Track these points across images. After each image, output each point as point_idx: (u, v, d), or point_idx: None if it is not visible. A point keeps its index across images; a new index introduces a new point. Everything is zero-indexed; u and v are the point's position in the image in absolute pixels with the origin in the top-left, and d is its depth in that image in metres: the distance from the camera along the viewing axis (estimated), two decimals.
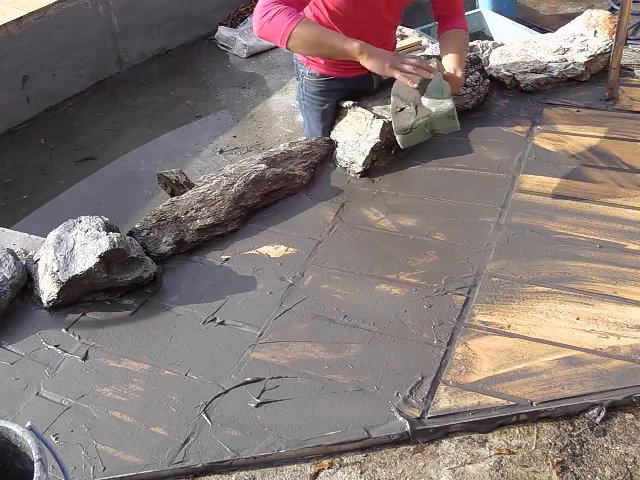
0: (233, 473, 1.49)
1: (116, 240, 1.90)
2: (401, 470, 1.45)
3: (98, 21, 4.53)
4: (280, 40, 1.94)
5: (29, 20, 4.14)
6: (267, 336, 1.76)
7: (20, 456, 1.21)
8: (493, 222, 2.03)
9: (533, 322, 1.70)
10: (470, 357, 1.63)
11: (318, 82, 2.42)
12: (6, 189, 3.75)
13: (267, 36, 1.96)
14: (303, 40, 1.95)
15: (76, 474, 1.48)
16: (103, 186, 3.72)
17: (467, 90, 2.48)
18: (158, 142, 4.11)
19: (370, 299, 1.83)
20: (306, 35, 1.94)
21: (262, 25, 1.93)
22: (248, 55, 4.90)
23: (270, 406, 1.58)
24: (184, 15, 5.03)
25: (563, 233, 1.96)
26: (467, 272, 1.87)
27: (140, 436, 1.55)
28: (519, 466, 1.42)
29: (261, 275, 1.95)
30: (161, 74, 4.79)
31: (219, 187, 2.17)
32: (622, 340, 1.62)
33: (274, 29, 1.92)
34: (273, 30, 1.93)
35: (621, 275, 1.80)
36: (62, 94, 4.45)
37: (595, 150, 2.27)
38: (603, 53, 2.62)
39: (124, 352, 1.77)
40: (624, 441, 1.45)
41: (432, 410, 1.52)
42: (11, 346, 1.83)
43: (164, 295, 1.94)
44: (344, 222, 2.11)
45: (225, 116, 4.30)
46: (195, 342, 1.77)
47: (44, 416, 1.62)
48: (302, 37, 1.93)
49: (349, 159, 2.33)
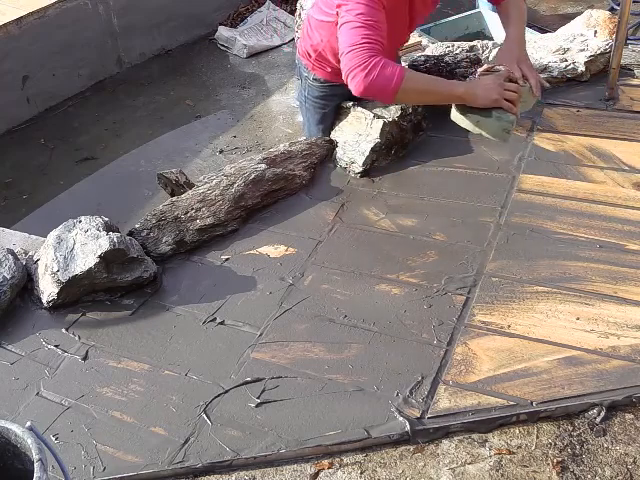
0: (233, 473, 1.49)
1: (116, 240, 1.90)
2: (401, 470, 1.45)
3: (98, 21, 4.53)
4: (387, 98, 1.92)
5: (29, 20, 4.14)
6: (267, 336, 1.76)
7: (20, 456, 1.21)
8: (493, 222, 2.03)
9: (533, 322, 1.70)
10: (470, 357, 1.63)
11: (322, 87, 2.43)
12: (6, 189, 3.75)
13: (372, 94, 1.92)
14: (410, 94, 1.95)
15: (76, 474, 1.48)
16: (103, 186, 3.71)
17: None
18: (158, 142, 4.10)
19: (370, 299, 1.83)
20: (413, 88, 1.93)
21: (367, 84, 1.89)
22: (248, 55, 4.90)
23: (270, 406, 1.58)
24: (184, 15, 5.03)
25: (563, 233, 1.96)
26: (467, 272, 1.87)
27: (140, 436, 1.55)
28: (519, 466, 1.42)
29: (261, 275, 1.95)
30: (161, 74, 4.79)
31: (219, 187, 2.17)
32: (622, 340, 1.62)
33: (380, 87, 1.89)
34: (379, 88, 1.89)
35: (621, 275, 1.80)
36: (62, 94, 4.45)
37: (595, 150, 2.27)
38: (603, 53, 2.62)
39: (124, 352, 1.77)
40: (624, 441, 1.45)
41: (432, 410, 1.52)
42: (11, 346, 1.83)
43: (164, 295, 1.94)
44: (344, 222, 2.11)
45: (225, 116, 4.30)
46: (195, 342, 1.77)
47: (44, 416, 1.62)
48: (409, 91, 1.92)
49: (349, 159, 2.33)
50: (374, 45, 1.90)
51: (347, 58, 1.91)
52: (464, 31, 4.44)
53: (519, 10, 2.30)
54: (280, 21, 5.17)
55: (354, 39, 1.91)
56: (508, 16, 2.26)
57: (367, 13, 1.92)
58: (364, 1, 1.93)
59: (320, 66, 2.37)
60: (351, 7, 1.94)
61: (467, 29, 4.47)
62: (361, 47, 1.89)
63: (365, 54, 1.89)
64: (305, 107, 2.53)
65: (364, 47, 1.89)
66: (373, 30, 1.92)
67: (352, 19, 1.93)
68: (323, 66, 2.36)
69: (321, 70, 2.38)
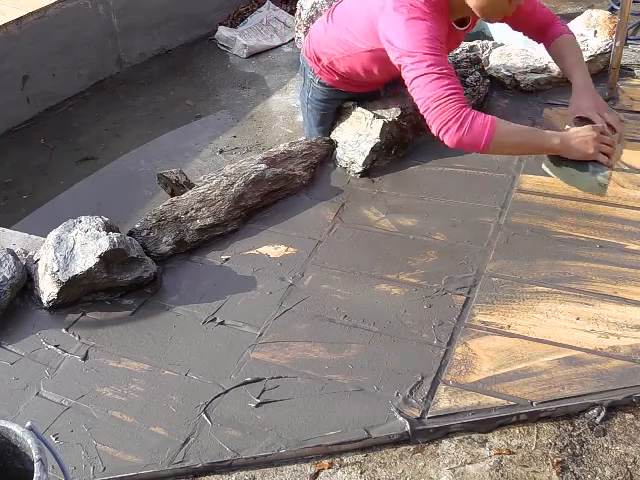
0: (233, 473, 1.49)
1: (116, 240, 1.90)
2: (401, 470, 1.45)
3: (98, 21, 4.53)
4: (480, 150, 1.89)
5: (29, 20, 4.13)
6: (267, 336, 1.76)
7: (20, 456, 1.21)
8: (493, 222, 2.03)
9: (533, 322, 1.70)
10: (470, 357, 1.63)
11: (327, 91, 2.43)
12: (6, 189, 3.75)
13: (465, 148, 1.90)
14: (503, 146, 1.92)
15: (76, 474, 1.48)
16: (103, 186, 3.71)
17: (467, 90, 2.48)
18: (158, 142, 4.10)
19: (370, 299, 1.83)
20: (506, 141, 1.90)
21: (460, 138, 1.87)
22: (248, 55, 4.90)
23: (270, 406, 1.58)
24: (184, 15, 5.03)
25: (563, 233, 1.96)
26: (467, 272, 1.87)
27: (140, 436, 1.56)
28: (519, 466, 1.42)
29: (261, 275, 1.95)
30: (161, 74, 4.79)
31: (219, 187, 2.17)
32: (622, 340, 1.62)
33: (473, 140, 1.87)
34: (471, 142, 1.87)
35: (621, 275, 1.80)
36: (62, 94, 4.45)
37: None
38: (603, 53, 2.62)
39: (124, 352, 1.77)
40: (624, 441, 1.45)
41: (432, 410, 1.52)
42: (11, 346, 1.83)
43: (164, 295, 1.94)
44: (344, 222, 2.11)
45: (225, 116, 4.30)
46: (195, 342, 1.77)
47: (44, 416, 1.62)
48: (502, 143, 1.89)
49: (349, 159, 2.33)
50: (459, 95, 1.88)
51: (435, 113, 1.87)
52: None
53: (577, 47, 2.22)
54: (280, 21, 5.17)
55: (437, 92, 1.86)
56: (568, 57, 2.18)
57: (437, 63, 1.88)
58: (430, 51, 1.89)
59: (328, 72, 2.35)
60: (419, 59, 1.89)
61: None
62: (448, 100, 1.86)
63: (454, 106, 1.86)
64: (307, 108, 2.53)
65: (450, 99, 1.86)
66: (451, 79, 1.89)
67: (426, 71, 1.87)
68: (331, 73, 2.35)
69: (328, 76, 2.37)
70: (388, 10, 1.97)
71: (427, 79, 1.88)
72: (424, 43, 1.90)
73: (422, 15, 1.93)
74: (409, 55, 1.91)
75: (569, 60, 2.17)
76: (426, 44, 1.90)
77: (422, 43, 1.90)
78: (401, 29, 1.94)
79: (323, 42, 2.31)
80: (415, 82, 1.90)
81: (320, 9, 3.96)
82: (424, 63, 1.88)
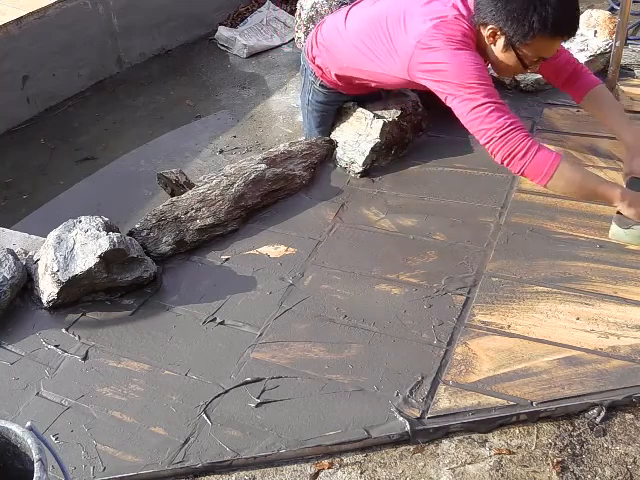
0: (233, 473, 1.49)
1: (116, 240, 1.90)
2: (401, 470, 1.45)
3: (98, 21, 4.52)
4: (541, 181, 1.88)
5: (29, 20, 4.13)
6: (267, 336, 1.76)
7: (20, 456, 1.21)
8: (493, 222, 2.03)
9: (533, 322, 1.70)
10: (470, 357, 1.63)
11: (328, 93, 2.42)
12: (6, 189, 3.75)
13: (527, 176, 1.90)
14: (565, 184, 1.89)
15: (76, 474, 1.48)
16: (103, 186, 3.70)
17: None
18: (158, 142, 4.10)
19: (370, 299, 1.83)
20: (569, 179, 1.87)
21: (522, 168, 1.87)
22: (248, 55, 4.89)
23: (270, 406, 1.58)
24: (184, 15, 5.02)
25: (563, 233, 1.96)
26: (467, 272, 1.87)
27: (140, 436, 1.55)
28: (519, 466, 1.42)
29: (261, 275, 1.95)
30: (161, 74, 4.78)
31: (219, 187, 2.17)
32: (622, 340, 1.62)
33: (537, 169, 1.86)
34: (534, 171, 1.87)
35: (621, 275, 1.80)
36: (62, 94, 4.45)
37: (595, 150, 2.27)
38: (603, 53, 2.62)
39: (124, 352, 1.77)
40: (624, 441, 1.45)
41: (432, 410, 1.52)
42: (11, 346, 1.83)
43: (164, 295, 1.94)
44: (344, 222, 2.11)
45: (225, 116, 4.29)
46: (195, 342, 1.77)
47: (44, 416, 1.62)
48: (563, 181, 1.87)
49: (349, 159, 2.33)
50: (520, 125, 1.88)
51: (501, 142, 1.87)
52: None
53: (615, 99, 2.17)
54: (280, 21, 5.16)
55: (500, 122, 1.87)
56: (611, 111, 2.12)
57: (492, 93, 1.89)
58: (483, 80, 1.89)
59: (331, 76, 2.35)
60: (475, 90, 1.88)
61: None
62: (512, 130, 1.86)
63: (519, 136, 1.86)
64: (307, 110, 2.52)
65: (514, 129, 1.86)
66: (507, 109, 1.89)
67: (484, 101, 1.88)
68: (337, 78, 2.34)
69: (330, 79, 2.37)
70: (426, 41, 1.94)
71: (487, 110, 1.87)
72: (476, 73, 1.89)
73: (463, 46, 1.92)
74: (464, 86, 1.89)
75: (613, 114, 2.10)
76: (478, 73, 1.89)
77: (474, 73, 1.89)
78: (449, 59, 1.91)
79: (337, 50, 2.27)
80: (473, 113, 1.89)
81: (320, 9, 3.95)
82: (480, 94, 1.87)
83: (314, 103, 2.47)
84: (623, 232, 1.92)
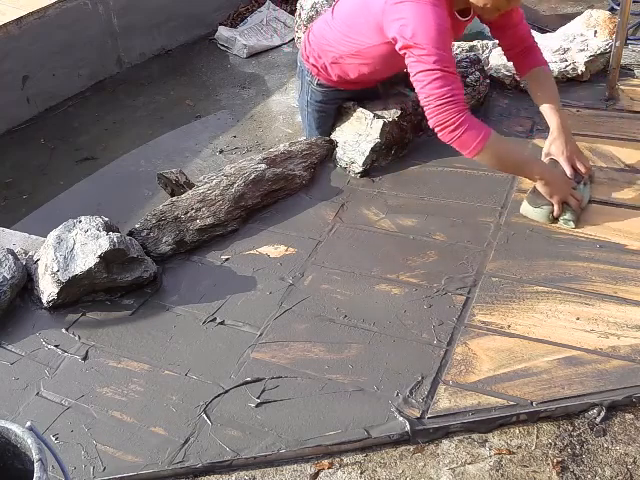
0: (233, 473, 1.49)
1: (116, 240, 1.90)
2: (401, 470, 1.45)
3: (98, 21, 4.53)
4: (467, 154, 1.96)
5: (29, 20, 4.13)
6: (267, 336, 1.76)
7: (20, 456, 1.21)
8: (493, 222, 2.03)
9: (533, 322, 1.70)
10: (470, 357, 1.63)
11: (326, 92, 2.42)
12: (6, 189, 3.75)
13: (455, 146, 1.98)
14: (490, 158, 1.99)
15: (76, 474, 1.48)
16: (103, 186, 3.71)
17: (467, 90, 2.48)
18: (158, 142, 4.10)
19: (370, 299, 1.83)
20: (494, 154, 1.98)
21: (451, 140, 1.95)
22: (248, 55, 4.89)
23: (270, 406, 1.58)
24: (184, 15, 5.02)
25: (563, 233, 1.96)
26: (467, 272, 1.87)
27: (140, 436, 1.55)
28: (519, 466, 1.42)
29: (261, 275, 1.95)
30: (161, 74, 4.78)
31: (219, 187, 2.17)
32: (622, 340, 1.62)
33: (464, 145, 1.95)
34: (463, 145, 1.95)
35: (621, 275, 1.80)
36: (62, 94, 4.45)
37: (595, 150, 2.27)
38: (603, 53, 2.62)
39: (124, 352, 1.77)
40: (624, 441, 1.45)
41: (432, 410, 1.52)
42: (11, 346, 1.83)
43: (164, 295, 1.94)
44: (344, 222, 2.11)
45: (225, 116, 4.29)
46: (195, 342, 1.77)
47: (44, 416, 1.62)
48: (490, 155, 1.97)
49: (349, 159, 2.33)
50: (459, 97, 1.93)
51: (435, 111, 1.93)
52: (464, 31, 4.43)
53: (554, 84, 2.22)
54: (280, 21, 5.17)
55: (440, 92, 1.91)
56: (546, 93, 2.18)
57: (443, 59, 1.92)
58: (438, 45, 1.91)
59: (327, 73, 2.35)
60: (427, 53, 1.91)
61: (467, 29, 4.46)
62: (448, 102, 1.91)
63: (453, 109, 1.91)
64: (307, 111, 2.52)
65: (451, 102, 1.91)
66: (454, 79, 1.93)
67: (432, 67, 1.91)
68: (329, 74, 2.34)
69: (327, 77, 2.37)
70: None
71: (432, 76, 1.91)
72: (435, 35, 1.91)
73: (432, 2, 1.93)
74: (419, 47, 1.92)
75: (548, 97, 2.17)
76: (436, 36, 1.92)
77: (433, 35, 1.91)
78: (409, 15, 1.94)
79: (326, 40, 2.30)
80: (419, 76, 1.94)
81: (320, 9, 3.95)
82: (431, 58, 1.90)
83: (313, 103, 2.47)
84: (532, 210, 2.02)
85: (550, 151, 2.13)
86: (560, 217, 1.99)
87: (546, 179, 1.99)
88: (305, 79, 2.45)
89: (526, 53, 2.23)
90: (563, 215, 1.99)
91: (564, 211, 1.99)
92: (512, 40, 2.23)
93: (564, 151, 2.09)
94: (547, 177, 1.99)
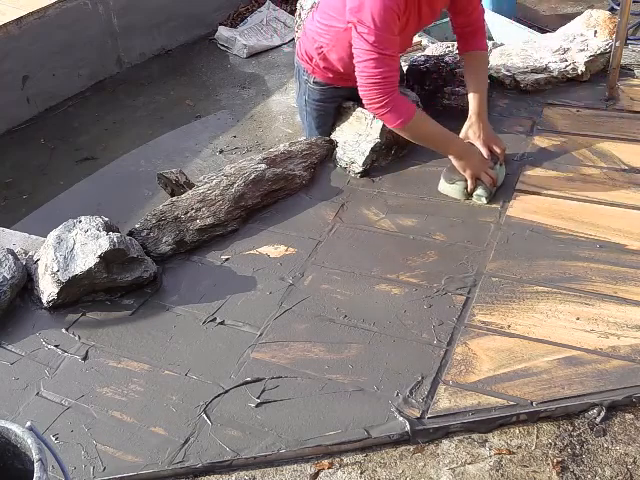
0: (233, 473, 1.49)
1: (116, 240, 1.90)
2: (401, 470, 1.45)
3: (98, 21, 4.53)
4: (392, 127, 2.13)
5: (29, 20, 4.13)
6: (267, 336, 1.76)
7: (20, 456, 1.21)
8: (493, 222, 2.03)
9: (533, 322, 1.70)
10: (470, 357, 1.63)
11: (323, 90, 2.42)
12: (6, 189, 3.75)
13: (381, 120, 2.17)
14: (410, 136, 2.17)
15: (76, 474, 1.49)
16: (103, 186, 3.71)
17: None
18: (158, 142, 4.10)
19: (370, 299, 1.83)
20: (414, 133, 2.16)
21: (378, 115, 2.13)
22: (248, 55, 4.89)
23: (270, 406, 1.58)
24: (184, 15, 5.02)
25: (563, 233, 1.96)
26: (467, 272, 1.87)
27: (140, 436, 1.56)
28: (519, 466, 1.42)
29: (261, 275, 1.95)
30: (161, 74, 4.79)
31: (219, 187, 2.17)
32: (622, 340, 1.62)
33: (386, 121, 2.13)
34: (386, 121, 2.14)
35: (621, 275, 1.80)
36: (62, 94, 4.45)
37: (595, 150, 2.27)
38: (603, 53, 2.62)
39: (124, 352, 1.77)
40: (624, 441, 1.45)
41: (432, 410, 1.52)
42: (11, 346, 1.83)
43: (164, 295, 1.94)
44: (344, 222, 2.11)
45: (225, 116, 4.29)
46: (195, 342, 1.77)
47: (44, 416, 1.62)
48: (409, 134, 2.15)
49: (349, 159, 2.33)
50: (390, 80, 2.04)
51: (366, 88, 2.07)
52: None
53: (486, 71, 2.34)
54: (280, 21, 5.17)
55: (372, 72, 2.02)
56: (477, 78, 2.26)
57: (382, 41, 1.99)
58: (381, 25, 1.97)
59: (321, 70, 2.35)
60: (367, 32, 1.98)
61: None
62: (379, 84, 2.03)
63: (380, 91, 2.04)
64: (306, 111, 2.51)
65: (381, 84, 2.03)
66: (390, 62, 2.02)
67: (369, 48, 1.99)
68: (324, 70, 2.34)
69: (321, 73, 2.37)
70: None
71: (368, 55, 2.01)
72: (382, 14, 1.97)
73: None
74: (360, 24, 2.00)
75: (477, 82, 2.26)
76: (383, 15, 1.97)
77: (375, 14, 1.96)
78: None
79: (312, 34, 2.32)
80: (357, 52, 2.05)
81: None
82: (371, 37, 1.99)
83: (311, 102, 2.46)
84: (448, 186, 2.15)
85: (467, 135, 2.23)
86: (474, 193, 2.10)
87: (461, 154, 2.12)
88: (302, 78, 2.45)
89: (473, 34, 2.30)
90: (476, 191, 2.09)
91: (477, 187, 2.09)
92: (468, 20, 2.29)
93: (480, 135, 2.21)
94: (462, 153, 2.13)
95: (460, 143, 2.18)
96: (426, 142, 2.21)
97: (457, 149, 2.14)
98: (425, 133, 2.18)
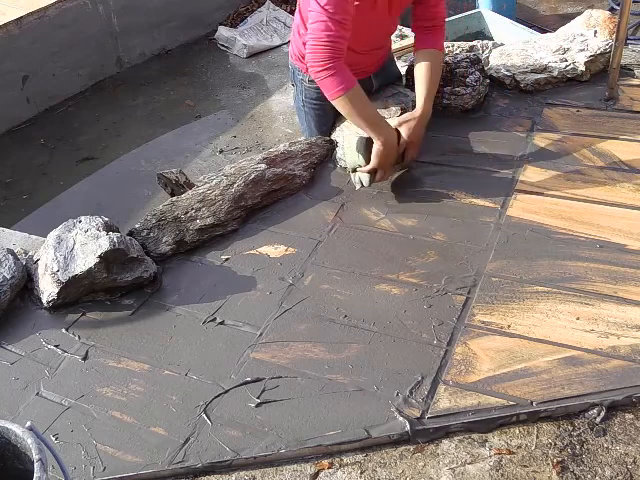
0: (233, 473, 1.49)
1: (116, 240, 1.90)
2: (401, 470, 1.45)
3: (98, 21, 4.53)
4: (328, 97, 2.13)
5: (29, 20, 4.13)
6: (267, 336, 1.76)
7: (20, 456, 1.21)
8: (493, 222, 2.03)
9: (533, 322, 1.70)
10: (470, 357, 1.63)
11: (318, 88, 2.41)
12: (6, 189, 3.75)
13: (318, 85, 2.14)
14: (344, 108, 2.13)
15: (76, 474, 1.49)
16: (103, 186, 3.71)
17: (467, 90, 2.48)
18: (158, 142, 4.10)
19: (370, 299, 1.83)
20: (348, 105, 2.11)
21: (316, 79, 2.11)
22: (248, 55, 4.89)
23: (270, 406, 1.58)
24: (184, 15, 5.02)
25: (563, 233, 1.96)
26: (467, 272, 1.87)
27: (140, 436, 1.55)
28: (519, 466, 1.42)
29: (261, 275, 1.95)
30: (161, 74, 4.79)
31: (219, 187, 2.17)
32: (622, 340, 1.63)
33: (326, 87, 2.11)
34: (325, 87, 2.11)
35: (621, 275, 1.80)
36: (62, 94, 4.45)
37: (595, 150, 2.27)
38: (603, 53, 2.62)
39: (124, 352, 1.77)
40: (624, 441, 1.45)
41: (432, 410, 1.52)
42: (11, 346, 1.83)
43: (164, 295, 1.94)
44: (344, 222, 2.11)
45: (225, 116, 4.29)
46: (195, 342, 1.77)
47: (44, 416, 1.62)
48: (344, 105, 2.11)
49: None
50: (337, 46, 2.04)
51: (311, 49, 2.07)
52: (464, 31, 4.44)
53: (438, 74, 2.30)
54: (280, 21, 5.17)
55: (320, 34, 2.04)
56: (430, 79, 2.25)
57: (334, 4, 2.00)
58: None
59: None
60: None
61: (467, 29, 4.47)
62: (325, 46, 2.03)
63: (325, 55, 2.04)
64: (304, 112, 2.51)
65: (327, 47, 2.03)
66: (338, 26, 2.03)
67: (320, 10, 2.02)
68: None
69: None
70: None
71: (319, 18, 2.03)
72: None
73: None
74: None
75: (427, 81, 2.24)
76: None
77: None
78: None
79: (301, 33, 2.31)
80: (310, 14, 2.07)
81: None
82: (323, 1, 2.01)
83: (309, 102, 2.46)
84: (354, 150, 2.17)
85: (400, 125, 2.22)
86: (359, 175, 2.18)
87: (384, 143, 2.11)
88: (297, 78, 2.45)
89: (431, 31, 2.30)
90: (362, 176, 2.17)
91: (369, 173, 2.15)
92: (425, 14, 2.29)
93: (409, 135, 2.19)
94: (385, 143, 2.12)
95: (388, 133, 2.14)
96: (359, 119, 2.13)
97: (384, 138, 2.12)
98: (361, 109, 2.12)
